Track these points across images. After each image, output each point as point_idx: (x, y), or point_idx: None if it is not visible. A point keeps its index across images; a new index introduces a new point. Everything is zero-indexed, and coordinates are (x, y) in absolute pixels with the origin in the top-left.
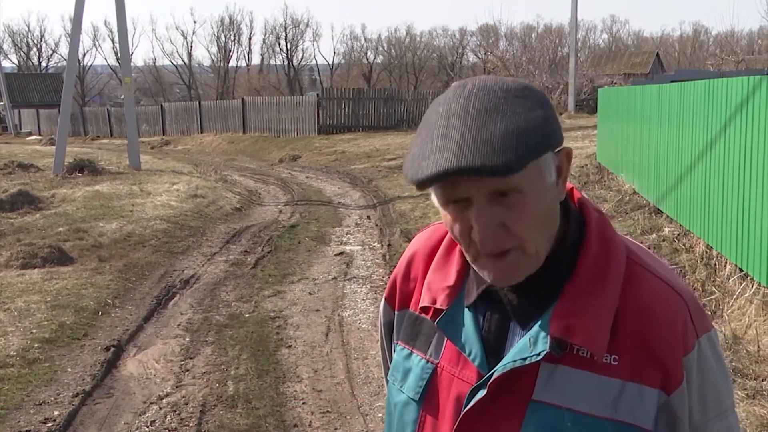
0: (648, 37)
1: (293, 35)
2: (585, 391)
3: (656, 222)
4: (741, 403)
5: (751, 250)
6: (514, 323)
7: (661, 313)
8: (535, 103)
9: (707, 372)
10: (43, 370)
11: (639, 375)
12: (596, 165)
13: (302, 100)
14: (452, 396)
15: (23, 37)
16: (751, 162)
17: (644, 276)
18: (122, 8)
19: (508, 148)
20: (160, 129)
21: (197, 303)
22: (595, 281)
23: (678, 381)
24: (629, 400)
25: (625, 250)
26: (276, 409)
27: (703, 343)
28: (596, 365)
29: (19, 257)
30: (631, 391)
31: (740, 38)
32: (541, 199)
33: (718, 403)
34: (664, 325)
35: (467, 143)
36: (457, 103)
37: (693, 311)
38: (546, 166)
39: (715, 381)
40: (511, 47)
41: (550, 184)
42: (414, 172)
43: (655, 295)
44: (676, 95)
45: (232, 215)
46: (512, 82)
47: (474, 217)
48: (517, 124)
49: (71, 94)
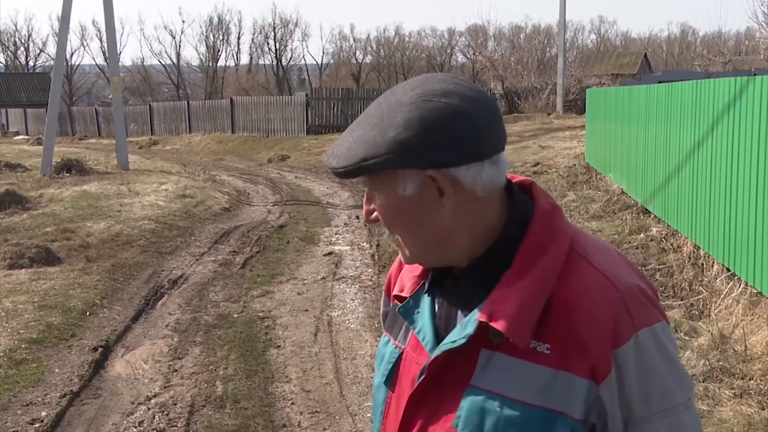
0: (636, 37)
1: (282, 35)
2: (518, 378)
3: (644, 222)
4: (728, 402)
5: (738, 250)
6: (460, 309)
7: (590, 304)
8: (417, 118)
9: (648, 365)
10: (30, 370)
11: (569, 364)
12: (584, 165)
13: (291, 100)
14: (410, 379)
15: (10, 36)
16: (738, 162)
17: (582, 267)
18: (110, 7)
19: (347, 155)
20: (149, 129)
21: (186, 303)
22: (527, 270)
23: (604, 373)
24: (560, 389)
25: (568, 240)
26: (265, 410)
27: (643, 336)
28: (530, 353)
29: (6, 257)
30: (561, 379)
31: (727, 39)
32: (391, 206)
33: (664, 398)
34: (591, 316)
35: (339, 143)
36: (373, 104)
37: (631, 304)
38: (402, 180)
39: (660, 375)
40: (499, 47)
41: (404, 196)
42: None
43: (587, 286)
44: (664, 96)
45: (221, 215)
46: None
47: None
48: (369, 135)
49: (59, 94)
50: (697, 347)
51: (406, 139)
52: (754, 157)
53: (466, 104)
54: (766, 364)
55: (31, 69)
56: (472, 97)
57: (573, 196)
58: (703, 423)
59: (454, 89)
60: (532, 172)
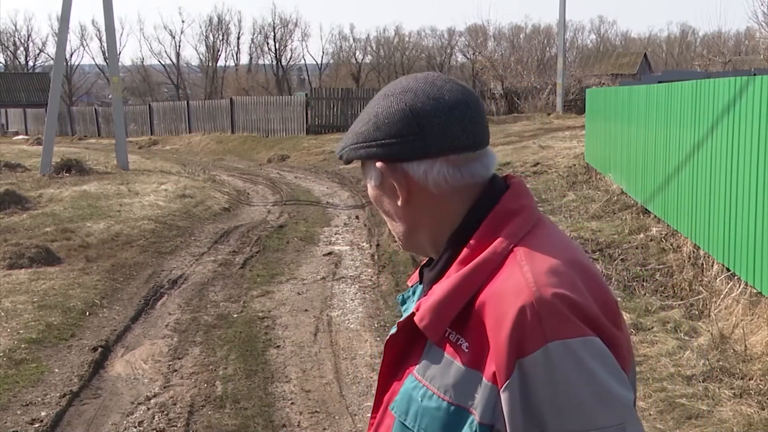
0: (636, 37)
1: (282, 35)
2: (440, 372)
3: (644, 222)
4: (728, 402)
5: (738, 250)
6: None
7: (498, 307)
8: (365, 117)
9: (560, 382)
10: (30, 370)
11: (479, 364)
12: (584, 165)
13: (291, 99)
14: None
15: (10, 36)
16: (738, 162)
17: (511, 270)
18: (110, 7)
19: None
20: (148, 129)
21: (185, 303)
22: (459, 265)
23: (504, 378)
24: (468, 386)
25: (512, 241)
26: (264, 410)
27: (555, 349)
28: (454, 348)
29: (5, 257)
30: (470, 377)
31: (727, 39)
32: (370, 195)
33: (580, 419)
34: (497, 319)
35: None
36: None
37: (545, 314)
38: (368, 171)
39: (575, 393)
40: (499, 47)
41: (375, 186)
42: None
43: (503, 289)
44: (664, 96)
45: (221, 215)
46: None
47: None
48: (358, 129)
49: (58, 94)
50: (697, 347)
51: (362, 132)
52: (754, 156)
53: (420, 102)
54: (766, 364)
55: (30, 69)
56: (431, 95)
57: (573, 196)
58: (703, 423)
59: (414, 86)
60: (532, 172)
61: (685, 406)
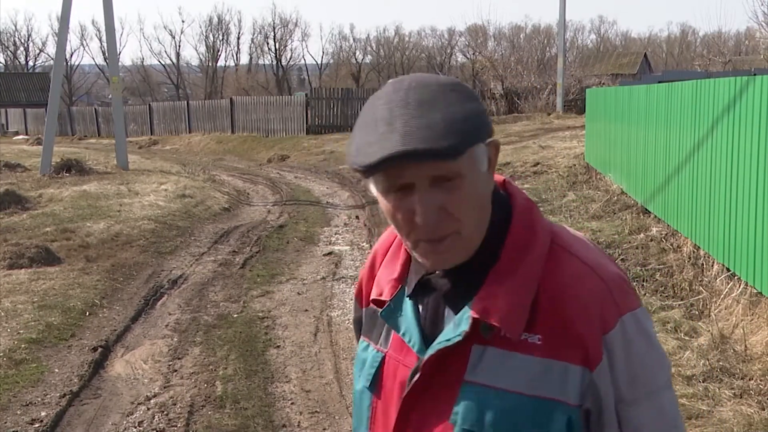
0: (636, 37)
1: (282, 35)
2: (512, 371)
3: (644, 222)
4: (728, 402)
5: (738, 250)
6: (448, 309)
7: (578, 293)
8: (467, 96)
9: (632, 348)
10: (30, 370)
11: (561, 353)
12: (584, 165)
13: (291, 99)
14: (397, 382)
15: (10, 36)
16: (738, 162)
17: (565, 258)
18: (110, 7)
19: (450, 133)
20: (148, 129)
21: (185, 303)
22: (515, 265)
23: (598, 359)
24: (553, 378)
25: (549, 234)
26: (264, 410)
27: (627, 320)
28: (521, 345)
29: (5, 257)
30: (554, 368)
31: (727, 39)
32: (476, 184)
33: (648, 381)
34: (580, 304)
35: (412, 129)
36: (398, 96)
37: (615, 291)
38: (480, 154)
39: (643, 358)
40: (499, 47)
41: (483, 172)
42: (362, 159)
43: (573, 277)
44: (664, 96)
45: (221, 215)
46: (445, 78)
47: (417, 200)
48: (455, 114)
49: (58, 94)
50: (697, 347)
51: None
52: (754, 156)
53: None
54: (766, 364)
55: (30, 69)
56: None
57: (573, 196)
58: (703, 423)
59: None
60: (532, 172)
61: (685, 406)
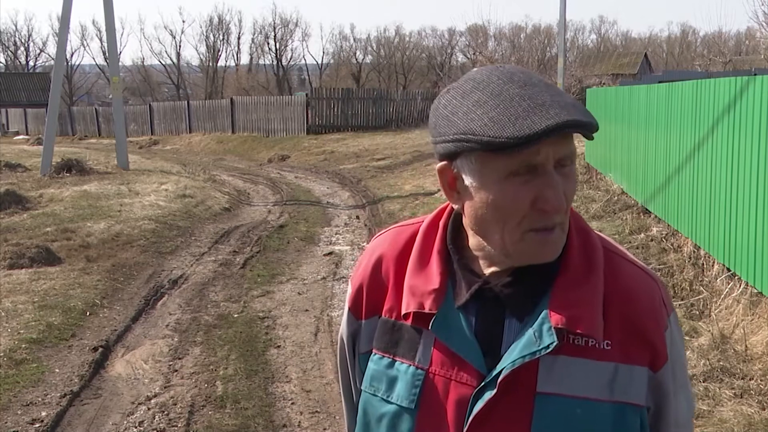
0: (636, 37)
1: (282, 35)
2: (584, 378)
3: (644, 222)
4: (729, 402)
5: (738, 250)
6: (510, 319)
7: (642, 295)
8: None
9: (676, 345)
10: (30, 370)
11: (629, 356)
12: (585, 165)
13: (291, 99)
14: (452, 400)
15: (10, 36)
16: (738, 162)
17: (620, 263)
18: (110, 7)
19: (588, 112)
20: (149, 129)
21: (186, 303)
22: (584, 271)
23: (664, 357)
24: (623, 381)
25: (599, 239)
26: (265, 410)
27: (672, 320)
28: (591, 351)
29: (6, 257)
30: (623, 371)
31: (728, 39)
32: (576, 175)
33: (683, 373)
34: (646, 306)
35: (566, 103)
36: (517, 77)
37: (663, 292)
38: (572, 148)
39: (681, 353)
40: (500, 47)
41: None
42: (517, 130)
43: (634, 280)
44: (664, 96)
45: (221, 215)
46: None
47: (546, 183)
48: (570, 100)
49: (59, 94)
50: (698, 347)
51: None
52: (754, 156)
53: None
54: (766, 364)
55: (31, 69)
56: None
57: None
58: (704, 423)
59: None
60: None
61: None
